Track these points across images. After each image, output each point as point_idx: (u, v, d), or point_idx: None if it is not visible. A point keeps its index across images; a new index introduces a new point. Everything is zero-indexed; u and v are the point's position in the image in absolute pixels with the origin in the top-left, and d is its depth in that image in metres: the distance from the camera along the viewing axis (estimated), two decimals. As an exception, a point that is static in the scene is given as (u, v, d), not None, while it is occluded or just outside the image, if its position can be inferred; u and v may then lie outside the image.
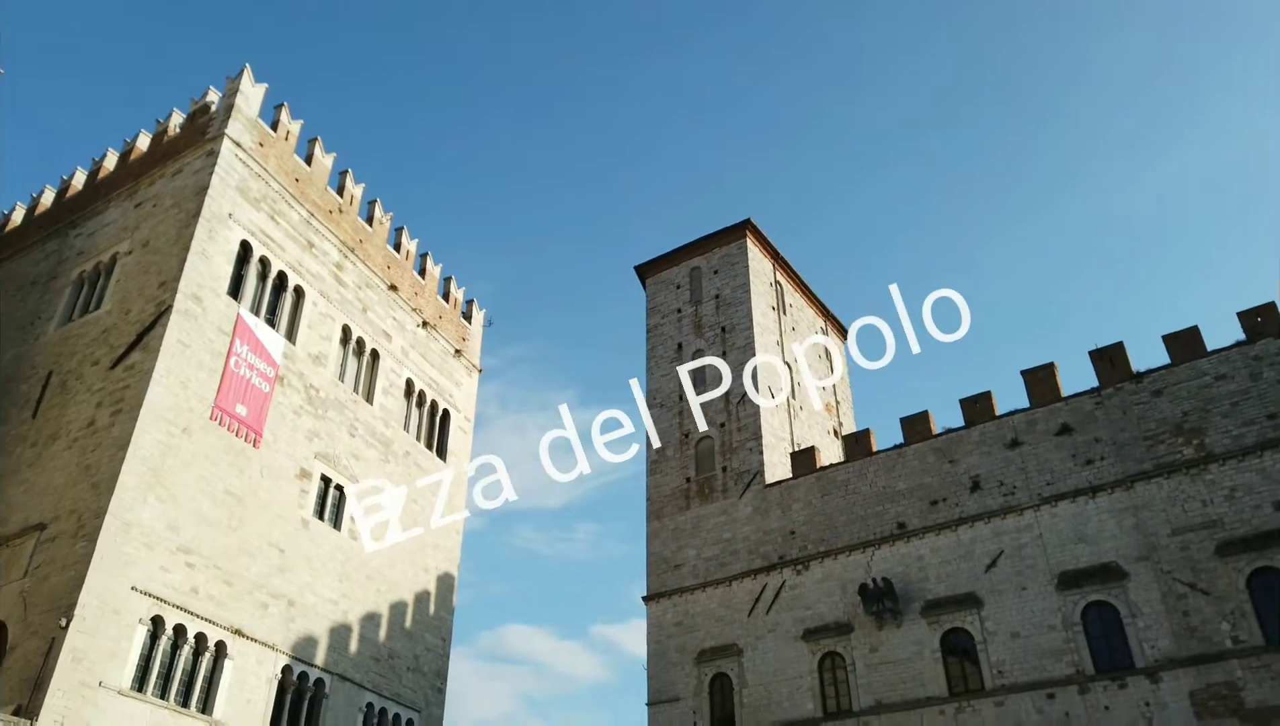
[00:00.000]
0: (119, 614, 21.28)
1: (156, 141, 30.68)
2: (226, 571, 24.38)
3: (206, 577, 23.76)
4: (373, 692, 28.31)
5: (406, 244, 36.26)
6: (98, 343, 25.93)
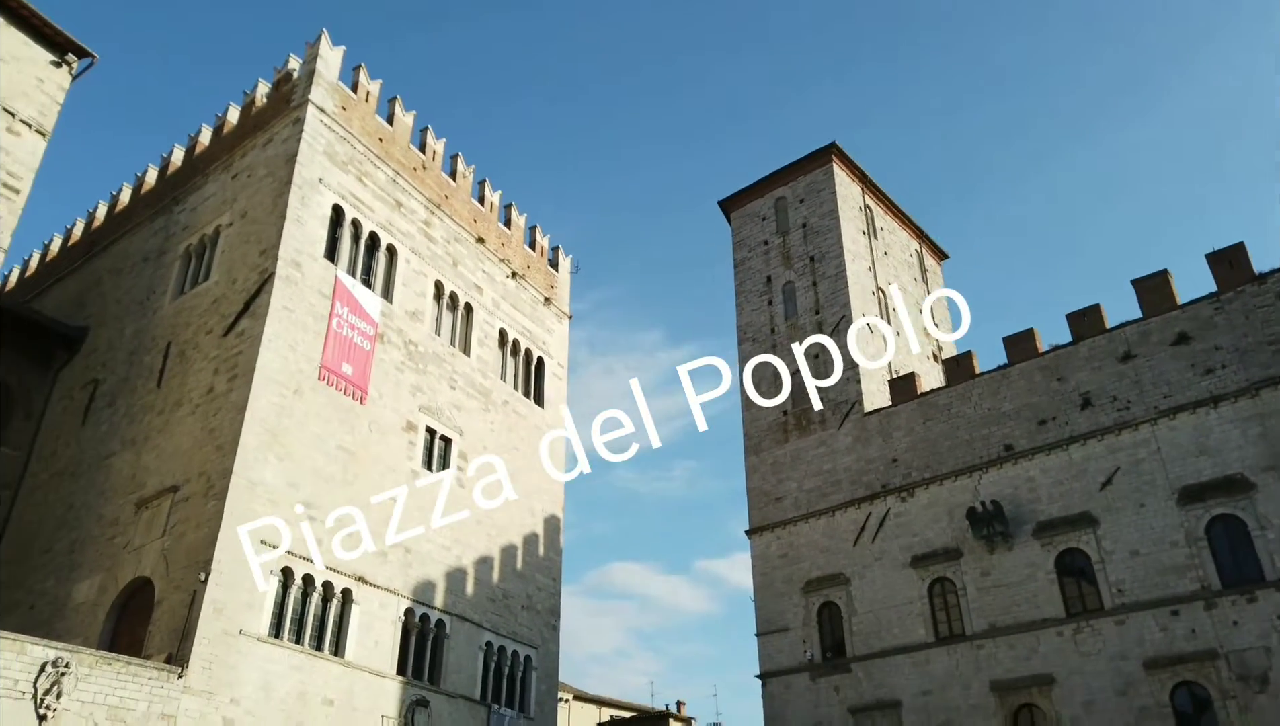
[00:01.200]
0: (252, 566, 22.55)
1: (246, 113, 31.56)
2: (346, 522, 25.47)
3: (328, 529, 24.86)
4: (490, 631, 29.46)
5: (490, 196, 36.57)
6: (209, 312, 27.15)
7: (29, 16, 23.85)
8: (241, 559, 22.32)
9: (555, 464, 35.26)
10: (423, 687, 26.31)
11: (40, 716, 17.57)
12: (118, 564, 23.97)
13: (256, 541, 22.83)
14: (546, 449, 35.00)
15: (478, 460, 31.24)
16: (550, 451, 35.21)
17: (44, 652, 18.12)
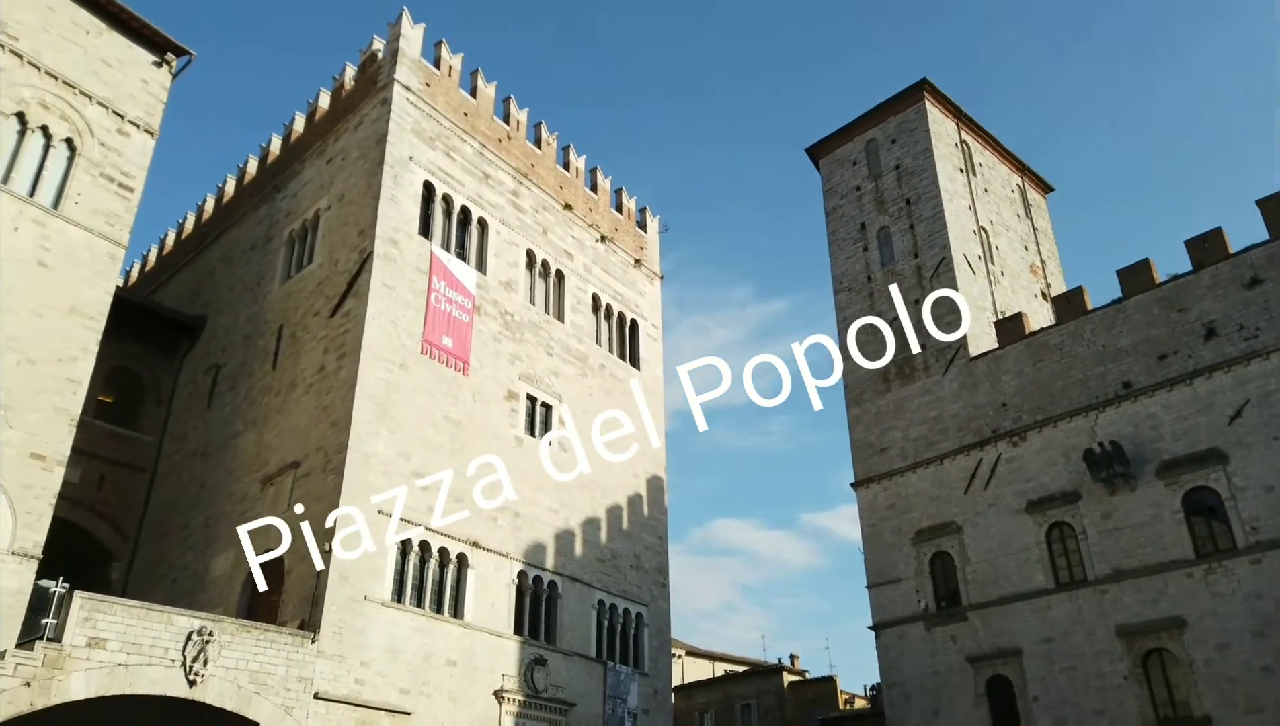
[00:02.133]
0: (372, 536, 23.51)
1: (336, 98, 32.34)
2: (456, 490, 26.29)
3: (440, 497, 25.71)
4: (601, 590, 30.03)
5: (575, 161, 36.61)
6: (315, 294, 28.15)
7: (129, 20, 24.89)
8: (361, 528, 23.27)
9: (655, 424, 35.45)
10: (540, 646, 27.08)
11: (190, 682, 18.82)
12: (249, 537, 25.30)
13: (374, 511, 23.76)
14: (645, 410, 35.20)
15: (578, 424, 31.66)
16: (649, 412, 35.39)
17: (189, 622, 19.35)
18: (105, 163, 23.58)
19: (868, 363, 37.97)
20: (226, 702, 19.33)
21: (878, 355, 37.79)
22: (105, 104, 23.96)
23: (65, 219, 22.31)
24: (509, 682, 25.63)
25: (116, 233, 23.26)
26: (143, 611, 18.92)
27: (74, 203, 22.63)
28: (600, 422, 32.54)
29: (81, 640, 17.68)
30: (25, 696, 16.60)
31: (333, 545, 22.55)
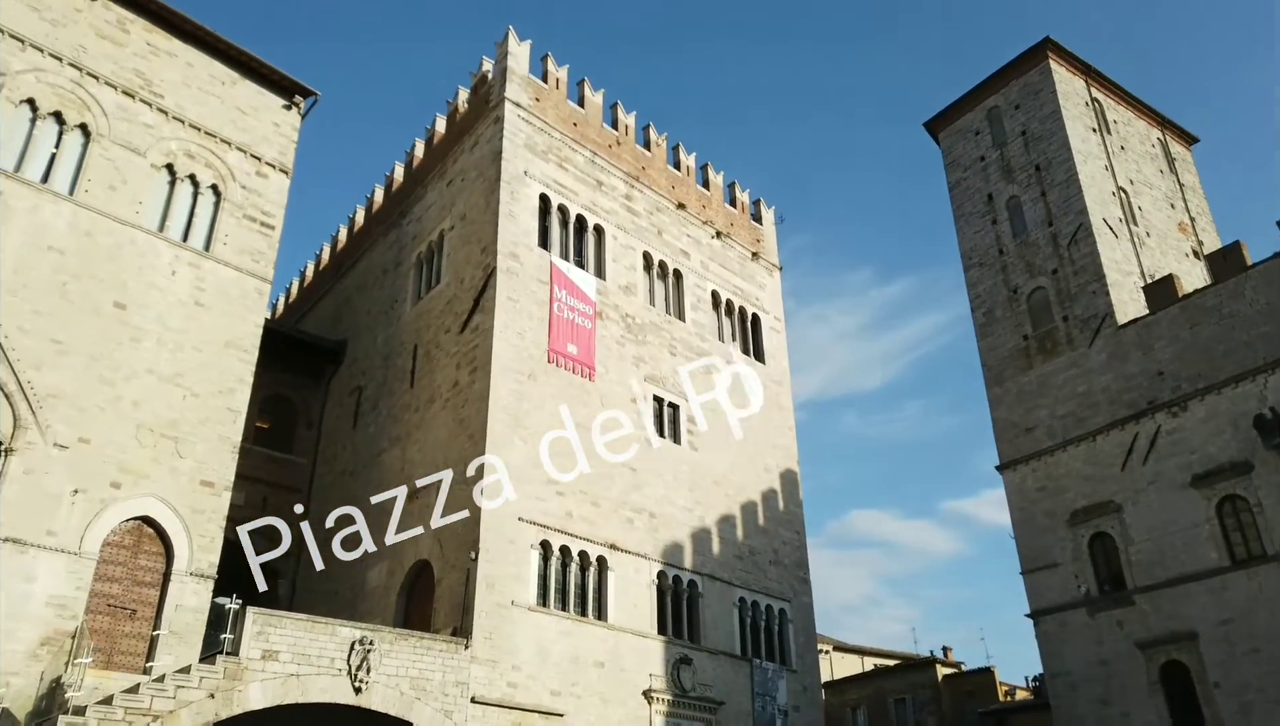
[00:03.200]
0: (513, 543, 24.17)
1: (451, 121, 33.45)
2: (591, 495, 26.70)
3: (575, 502, 26.21)
4: (741, 588, 29.83)
5: (685, 160, 36.58)
6: (445, 312, 29.15)
7: (260, 68, 26.46)
8: (504, 537, 23.94)
9: (784, 417, 35.00)
10: (684, 645, 27.13)
11: (356, 689, 19.78)
12: (400, 550, 26.44)
13: (514, 518, 24.38)
14: (774, 404, 34.79)
15: (706, 422, 31.58)
16: (778, 406, 34.97)
17: (351, 632, 20.34)
18: (247, 204, 25.12)
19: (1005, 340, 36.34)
20: (390, 708, 20.22)
21: (1016, 331, 36.12)
22: (243, 148, 25.55)
23: (216, 260, 23.89)
24: (657, 682, 25.79)
25: (262, 269, 24.76)
26: (309, 624, 20.01)
27: (222, 243, 24.21)
28: (729, 419, 32.36)
29: (256, 653, 18.84)
30: (211, 707, 17.82)
31: (478, 554, 23.26)
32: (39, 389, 19.87)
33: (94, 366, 20.87)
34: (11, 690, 17.52)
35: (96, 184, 22.37)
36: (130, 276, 22.16)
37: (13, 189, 20.93)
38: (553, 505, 25.57)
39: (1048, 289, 35.82)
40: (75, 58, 22.95)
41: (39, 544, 18.90)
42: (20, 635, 18.07)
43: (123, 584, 20.08)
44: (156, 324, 22.22)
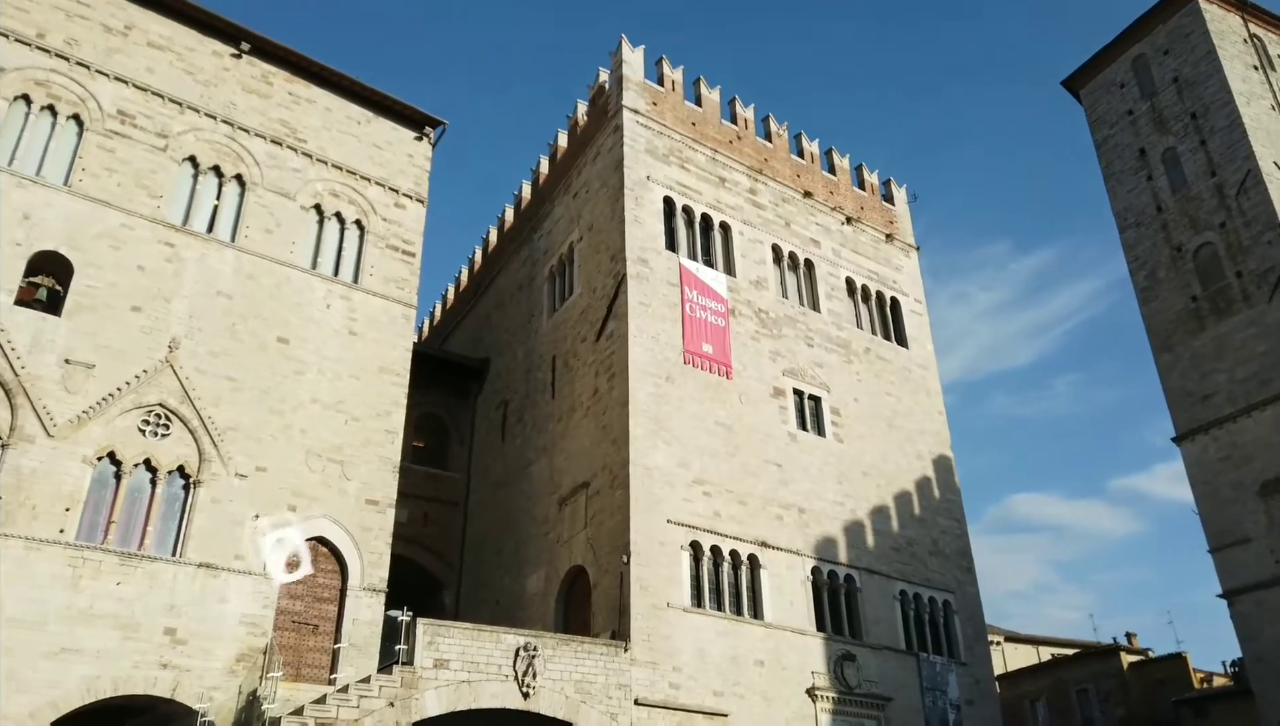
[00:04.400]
0: (664, 544, 24.31)
1: (573, 135, 34.09)
2: (737, 493, 26.54)
3: (723, 501, 26.11)
4: (901, 580, 28.94)
5: (808, 147, 35.92)
6: (580, 322, 29.69)
7: (392, 105, 27.74)
8: (654, 539, 24.11)
9: (933, 402, 33.77)
10: (845, 642, 26.54)
11: (524, 694, 20.36)
12: (555, 556, 27.06)
13: (663, 521, 24.52)
14: (920, 388, 33.65)
15: (851, 412, 30.86)
16: (925, 390, 33.79)
17: (515, 639, 20.95)
18: (389, 235, 26.37)
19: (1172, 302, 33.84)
20: (558, 712, 20.70)
21: (1183, 292, 33.58)
22: (381, 183, 26.84)
23: (365, 290, 25.19)
24: (820, 680, 25.34)
25: (406, 296, 25.93)
26: (475, 632, 20.75)
27: (369, 274, 25.51)
28: (874, 408, 31.53)
29: (429, 662, 19.68)
30: (391, 715, 18.74)
31: (630, 557, 23.51)
32: (219, 423, 21.46)
33: (264, 399, 22.37)
34: (214, 704, 18.96)
35: (254, 229, 24.00)
36: (290, 312, 23.64)
37: (183, 241, 22.72)
38: (700, 506, 25.57)
39: (1216, 244, 33.15)
40: (227, 114, 24.71)
41: (229, 567, 20.40)
42: (218, 652, 19.55)
43: (304, 601, 21.40)
44: (316, 355, 23.61)
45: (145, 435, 20.59)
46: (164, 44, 24.32)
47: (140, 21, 24.11)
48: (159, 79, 23.87)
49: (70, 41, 22.81)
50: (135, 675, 18.51)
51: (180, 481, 20.80)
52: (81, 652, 18.08)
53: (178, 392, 21.21)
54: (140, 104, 23.38)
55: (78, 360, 20.20)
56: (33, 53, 22.19)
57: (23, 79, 21.88)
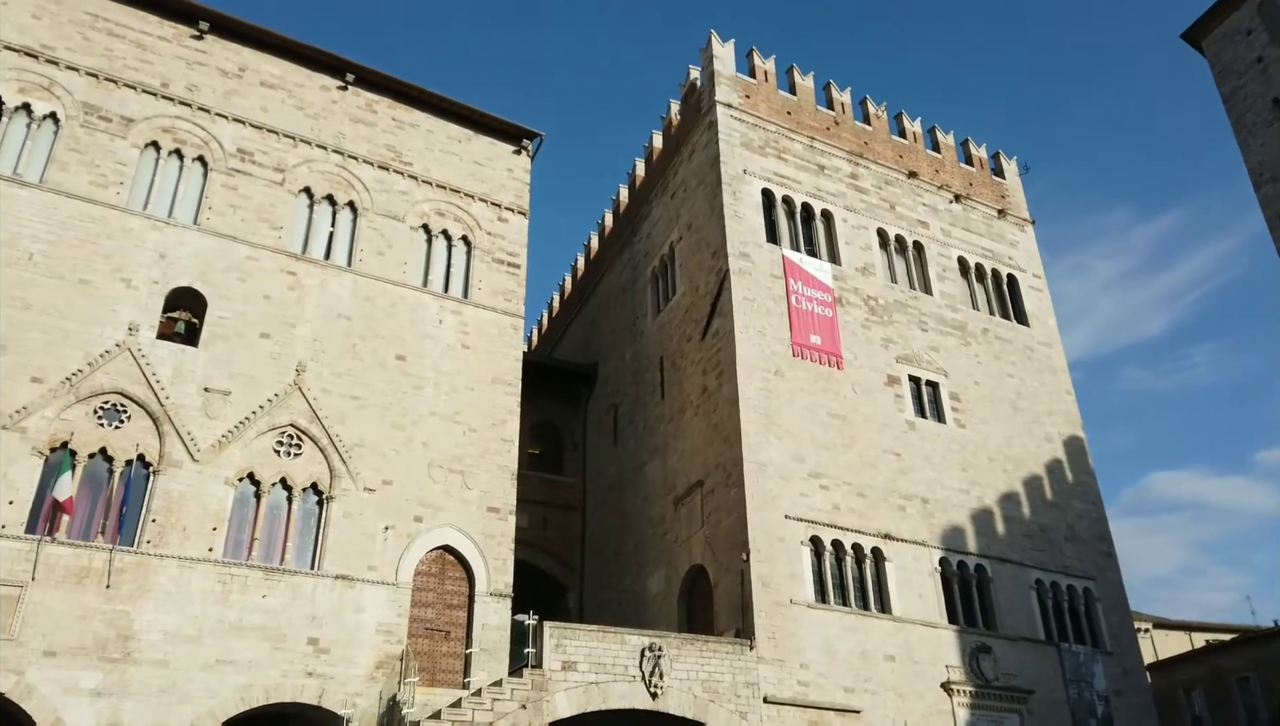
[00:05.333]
0: (783, 540, 24.02)
1: (667, 135, 34.14)
2: (856, 485, 25.99)
3: (841, 494, 25.62)
4: (1036, 568, 27.76)
5: (910, 126, 34.92)
6: (684, 321, 29.67)
7: (490, 122, 28.39)
8: (772, 535, 23.86)
9: (1058, 380, 32.29)
10: (979, 634, 25.64)
11: (652, 694, 20.45)
12: (674, 556, 27.10)
13: (780, 516, 24.23)
14: (1045, 367, 32.22)
15: (971, 396, 29.81)
16: (1050, 369, 32.34)
17: (639, 640, 21.07)
18: (494, 249, 26.98)
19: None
20: (686, 711, 20.70)
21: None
22: (484, 198, 27.49)
23: (475, 304, 25.84)
24: (955, 674, 24.54)
25: (514, 307, 26.47)
26: (600, 634, 20.97)
27: (478, 288, 26.15)
28: (996, 390, 30.37)
29: (557, 664, 20.00)
30: (525, 717, 19.13)
31: (749, 555, 23.32)
32: (346, 440, 22.38)
33: (386, 415, 23.21)
34: (358, 710, 19.77)
35: (368, 252, 24.95)
36: (405, 330, 24.46)
37: (303, 268, 23.81)
38: (818, 500, 25.15)
39: (1369, 191, 30.51)
40: (337, 144, 25.78)
41: (363, 578, 21.24)
42: (358, 660, 20.37)
43: (435, 608, 22.08)
44: (432, 370, 24.35)
45: (280, 455, 21.66)
46: (275, 82, 25.56)
47: (253, 63, 25.41)
48: (273, 116, 25.09)
49: (191, 88, 24.23)
50: (284, 683, 19.47)
51: (314, 497, 21.79)
52: (235, 663, 19.14)
53: (307, 413, 22.23)
54: (258, 141, 24.63)
55: (216, 387, 21.42)
56: (159, 102, 23.68)
57: (151, 127, 23.37)
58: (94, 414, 20.01)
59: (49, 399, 19.53)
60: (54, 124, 22.25)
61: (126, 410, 20.34)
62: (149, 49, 24.03)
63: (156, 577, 19.11)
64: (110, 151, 22.51)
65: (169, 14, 24.55)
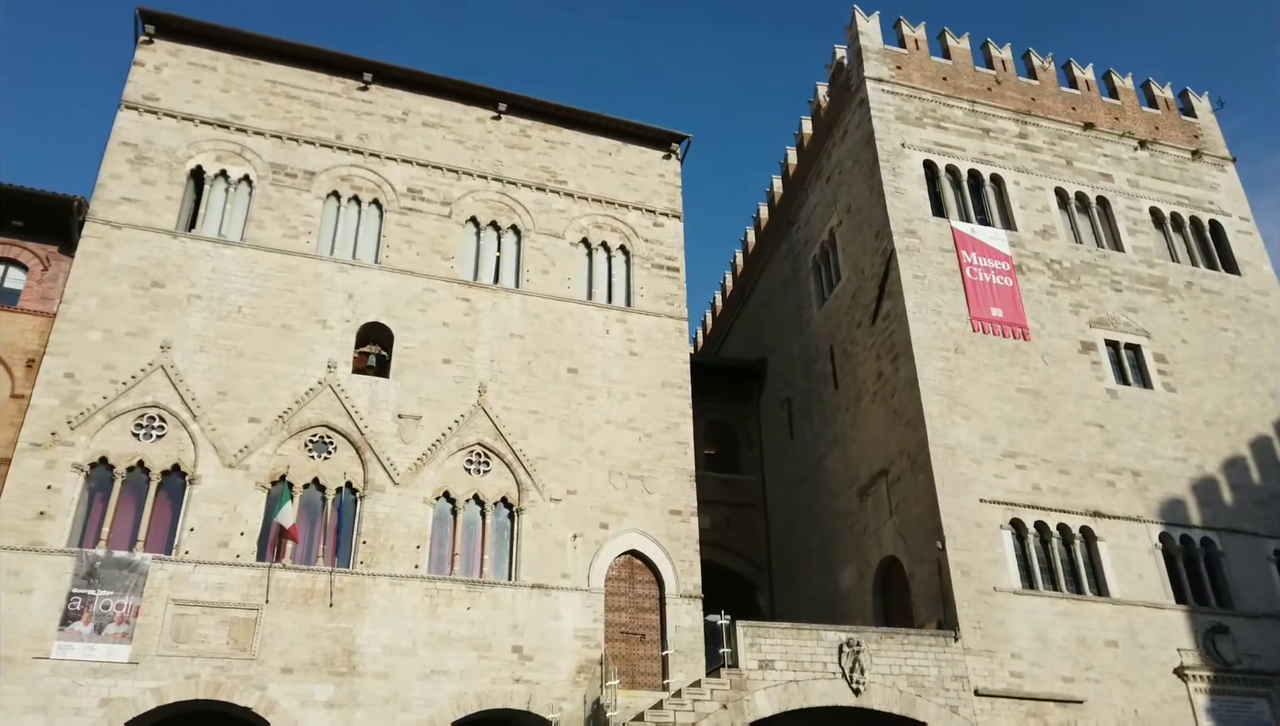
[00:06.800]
0: (980, 526, 22.83)
1: (816, 118, 33.40)
2: (1056, 462, 24.39)
3: (1040, 473, 24.10)
4: (1273, 538, 25.07)
5: (1080, 75, 32.55)
6: (852, 307, 28.84)
7: (637, 130, 28.73)
8: (968, 521, 22.74)
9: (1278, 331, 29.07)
10: (1213, 613, 23.41)
11: (854, 690, 19.91)
12: (864, 549, 26.34)
13: (974, 500, 23.06)
14: (1262, 318, 29.13)
15: (1179, 356, 27.36)
16: (1269, 319, 29.20)
17: (836, 636, 20.59)
18: (652, 255, 27.24)
19: None
20: (892, 707, 20.02)
21: None
22: (638, 206, 27.82)
23: (638, 311, 26.17)
24: (1189, 658, 22.50)
25: (676, 310, 26.61)
26: (795, 631, 20.65)
27: (640, 296, 26.47)
28: (1207, 347, 27.74)
29: (754, 663, 19.85)
30: (726, 717, 19.09)
31: (944, 542, 22.33)
32: (529, 455, 23.18)
33: (564, 427, 23.86)
34: (564, 714, 20.38)
35: (533, 272, 25.78)
36: (574, 343, 25.08)
37: (476, 294, 24.90)
38: (1014, 481, 23.77)
39: None
40: (496, 172, 26.82)
41: (557, 586, 21.89)
42: (560, 666, 21.00)
43: (628, 612, 22.45)
44: (603, 380, 24.83)
45: (470, 473, 22.70)
46: (436, 121, 26.91)
47: (414, 106, 26.86)
48: (436, 153, 26.42)
49: (362, 136, 25.90)
50: (494, 690, 20.33)
51: (505, 511, 22.69)
52: (447, 673, 20.17)
53: (491, 431, 23.20)
54: (424, 179, 26.00)
55: (408, 414, 22.73)
56: (335, 153, 25.45)
57: (331, 178, 25.14)
58: (305, 447, 21.69)
59: (265, 436, 21.34)
60: (248, 186, 24.36)
61: (332, 441, 21.93)
62: (322, 105, 25.89)
63: (371, 595, 20.45)
64: (298, 205, 24.39)
65: (337, 70, 26.35)
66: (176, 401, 21.11)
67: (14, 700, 17.44)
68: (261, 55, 25.77)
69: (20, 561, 18.67)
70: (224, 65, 25.37)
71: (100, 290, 21.65)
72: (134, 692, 18.15)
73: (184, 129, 24.24)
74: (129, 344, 21.33)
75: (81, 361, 20.79)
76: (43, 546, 18.93)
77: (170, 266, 22.48)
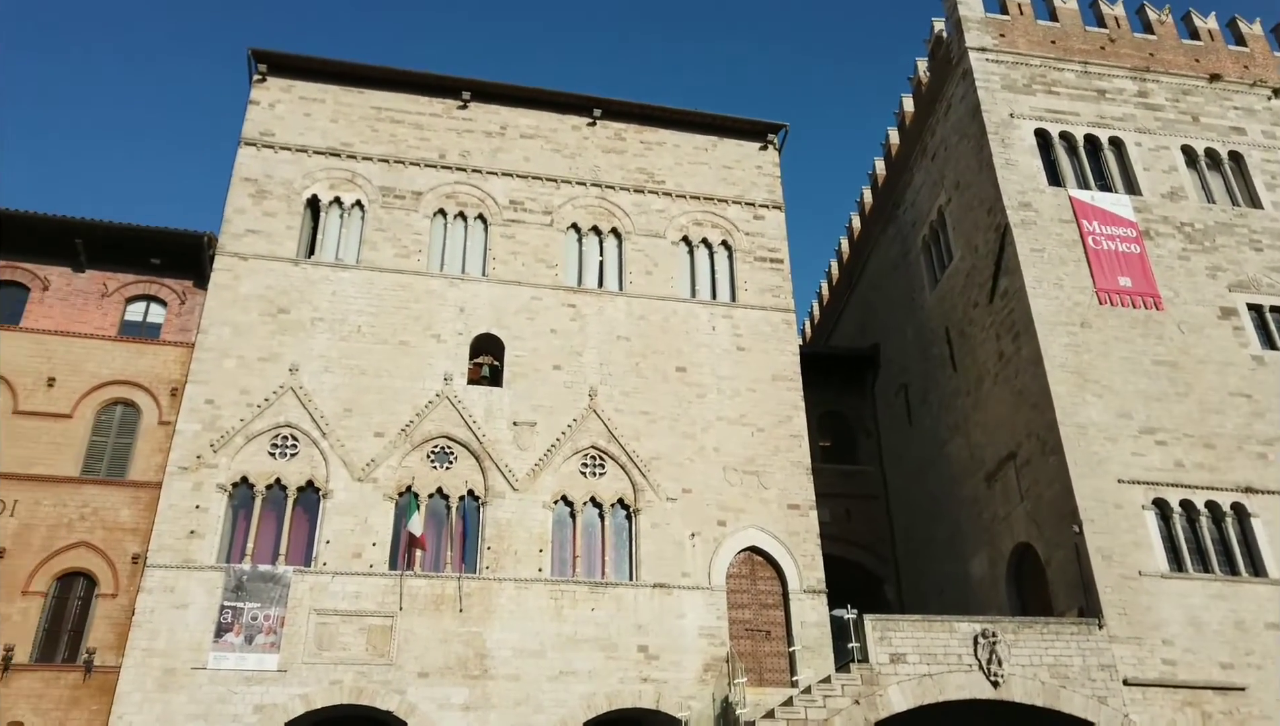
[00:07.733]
0: (1120, 507, 21.67)
1: (917, 95, 32.39)
2: (1199, 436, 22.95)
3: (1183, 449, 22.71)
4: None
5: (1203, 24, 30.55)
6: (967, 286, 27.83)
7: (732, 124, 28.50)
8: (1106, 502, 21.64)
9: None
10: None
11: (993, 683, 19.18)
12: (994, 536, 25.37)
13: (1112, 481, 21.91)
14: None
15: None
16: None
17: (970, 627, 19.87)
18: (754, 248, 26.96)
19: None
20: (1034, 699, 19.19)
21: None
22: (738, 200, 27.57)
23: (743, 306, 25.93)
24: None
25: (782, 302, 26.24)
26: (925, 624, 20.04)
27: (744, 290, 26.22)
28: (1366, 304, 25.55)
29: (884, 657, 19.36)
30: (859, 713, 18.68)
31: (1081, 526, 21.28)
32: (642, 455, 23.28)
33: (676, 426, 23.86)
34: (693, 712, 20.35)
35: (636, 273, 25.89)
36: (681, 342, 25.05)
37: (581, 299, 25.18)
38: (1154, 458, 22.46)
39: None
40: (594, 177, 27.07)
41: (679, 584, 21.90)
42: (686, 664, 20.99)
43: (751, 609, 22.25)
44: (712, 376, 24.71)
45: (586, 476, 22.96)
46: (533, 132, 27.36)
47: (511, 119, 27.38)
48: (535, 164, 26.86)
49: (464, 154, 26.57)
50: (622, 690, 20.49)
51: (622, 512, 22.85)
52: (576, 674, 20.45)
53: (604, 434, 23.40)
54: (525, 190, 26.47)
55: (523, 421, 23.17)
56: (439, 172, 26.18)
57: (436, 196, 25.88)
58: (427, 458, 22.39)
59: (390, 449, 22.13)
60: (360, 210, 25.32)
61: (453, 451, 22.56)
62: (425, 127, 26.68)
63: (498, 599, 20.93)
64: (407, 225, 25.21)
65: (436, 92, 27.11)
66: (307, 420, 22.13)
67: (178, 709, 18.63)
68: (366, 84, 26.75)
69: (176, 578, 19.92)
70: (332, 96, 26.45)
71: (232, 319, 22.90)
72: (284, 699, 19.11)
73: (298, 160, 25.40)
74: (260, 368, 22.48)
75: (219, 387, 22.04)
76: (194, 563, 20.15)
77: (294, 292, 23.58)
